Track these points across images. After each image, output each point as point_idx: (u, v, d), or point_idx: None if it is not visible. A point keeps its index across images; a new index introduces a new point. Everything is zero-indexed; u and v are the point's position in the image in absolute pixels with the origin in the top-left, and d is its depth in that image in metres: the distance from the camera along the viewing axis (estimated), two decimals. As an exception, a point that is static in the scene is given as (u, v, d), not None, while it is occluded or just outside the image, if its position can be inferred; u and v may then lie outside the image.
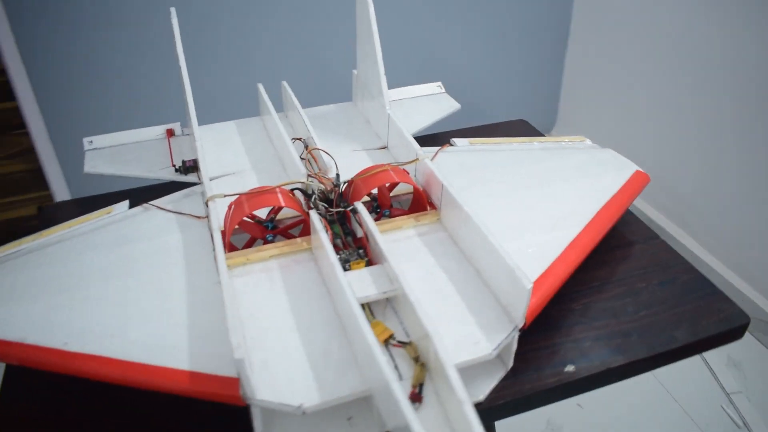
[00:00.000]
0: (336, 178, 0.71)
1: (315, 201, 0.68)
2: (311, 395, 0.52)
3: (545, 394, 0.60)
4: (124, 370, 0.55)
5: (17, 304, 0.63)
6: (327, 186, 0.70)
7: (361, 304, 0.59)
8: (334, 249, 0.65)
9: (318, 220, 0.65)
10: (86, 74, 1.70)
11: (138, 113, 1.76)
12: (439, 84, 1.05)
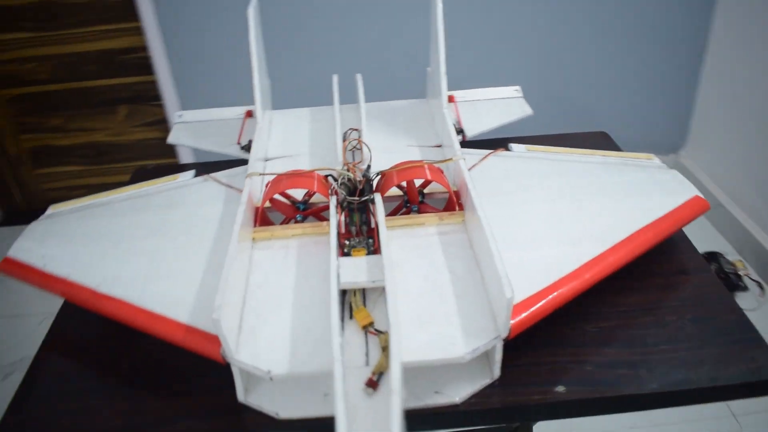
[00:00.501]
0: (366, 169, 0.73)
1: (334, 189, 0.70)
2: (282, 365, 0.55)
3: (529, 410, 0.58)
4: (134, 315, 0.62)
5: (72, 246, 0.72)
6: (356, 175, 0.72)
7: (354, 290, 0.61)
8: (348, 235, 0.67)
9: (333, 205, 0.67)
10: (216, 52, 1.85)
11: (284, 88, 1.88)
12: (517, 88, 1.03)
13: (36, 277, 0.69)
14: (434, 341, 0.56)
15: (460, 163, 0.74)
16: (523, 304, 0.58)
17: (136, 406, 0.61)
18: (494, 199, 0.73)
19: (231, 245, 0.63)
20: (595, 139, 1.00)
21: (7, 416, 0.61)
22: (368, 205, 0.70)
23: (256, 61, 0.88)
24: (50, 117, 2.06)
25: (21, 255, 0.72)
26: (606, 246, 0.66)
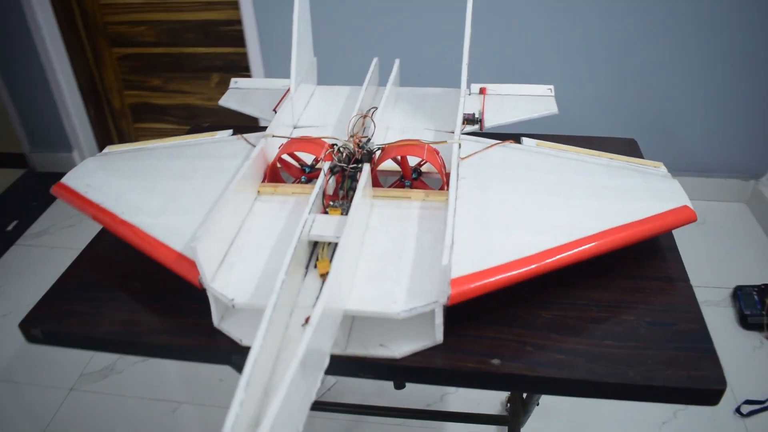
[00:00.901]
0: (366, 142, 0.80)
1: (329, 154, 0.77)
2: (245, 296, 0.63)
3: (462, 376, 0.63)
4: (141, 240, 0.72)
5: (111, 179, 0.84)
6: (355, 146, 0.79)
7: (323, 244, 0.68)
8: (335, 197, 0.74)
9: (324, 169, 0.74)
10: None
11: (336, 66, 1.99)
12: (550, 87, 1.05)
13: (77, 201, 0.81)
14: (379, 297, 0.62)
15: (453, 146, 0.78)
16: (469, 277, 0.63)
17: (134, 318, 0.71)
18: (482, 185, 0.77)
19: (227, 190, 0.71)
20: (621, 145, 1.00)
21: (33, 309, 0.74)
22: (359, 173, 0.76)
23: (296, 37, 0.96)
24: (152, 77, 2.27)
25: (71, 182, 0.85)
26: (573, 238, 0.68)
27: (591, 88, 1.92)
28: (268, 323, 0.52)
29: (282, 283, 0.57)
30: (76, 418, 1.45)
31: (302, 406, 0.51)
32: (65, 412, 1.46)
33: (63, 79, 2.21)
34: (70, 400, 1.49)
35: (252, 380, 0.48)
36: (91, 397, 1.50)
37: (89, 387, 1.52)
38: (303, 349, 0.49)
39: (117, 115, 2.39)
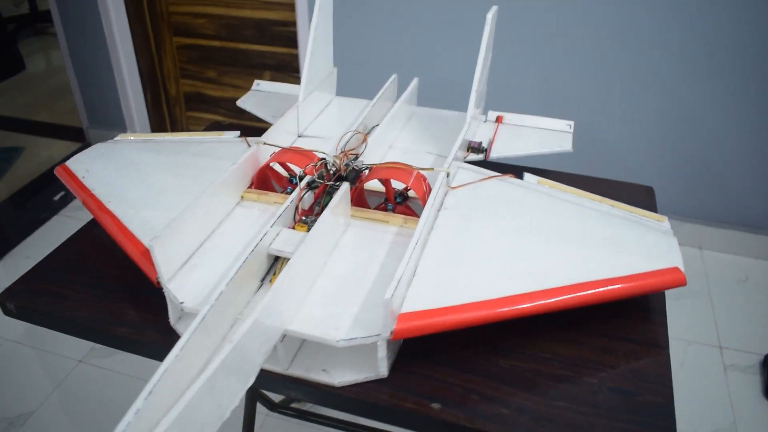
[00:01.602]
0: (353, 159, 0.78)
1: (309, 168, 0.76)
2: (196, 300, 0.63)
3: (396, 414, 0.60)
4: (117, 230, 0.74)
5: (109, 167, 0.86)
6: (340, 164, 0.77)
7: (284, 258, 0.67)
8: (309, 213, 0.73)
9: (302, 182, 0.73)
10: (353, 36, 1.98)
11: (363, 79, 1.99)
12: (570, 123, 1.00)
13: (73, 184, 0.84)
14: (324, 320, 0.60)
15: (439, 175, 0.76)
16: (419, 314, 0.60)
17: (100, 306, 0.72)
18: (466, 217, 0.74)
19: (203, 192, 0.72)
20: (636, 192, 0.95)
21: (13, 284, 0.76)
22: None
23: (311, 46, 0.96)
24: (207, 68, 2.33)
25: (72, 165, 0.87)
26: (542, 287, 0.65)
27: (637, 126, 1.84)
28: (190, 334, 0.52)
29: (220, 294, 0.56)
30: (80, 389, 1.50)
31: (211, 420, 0.50)
32: (71, 382, 1.52)
33: (125, 62, 2.30)
34: (77, 372, 1.54)
35: (158, 390, 0.47)
36: (97, 372, 1.54)
37: (97, 362, 1.57)
38: (214, 366, 0.48)
39: (171, 101, 2.47)
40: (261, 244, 0.64)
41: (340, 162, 0.78)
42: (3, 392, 1.50)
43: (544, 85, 1.87)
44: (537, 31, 1.79)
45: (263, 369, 0.62)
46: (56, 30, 2.36)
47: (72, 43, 2.35)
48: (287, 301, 0.59)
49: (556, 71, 1.83)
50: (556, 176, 0.94)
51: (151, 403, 0.46)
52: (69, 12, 2.28)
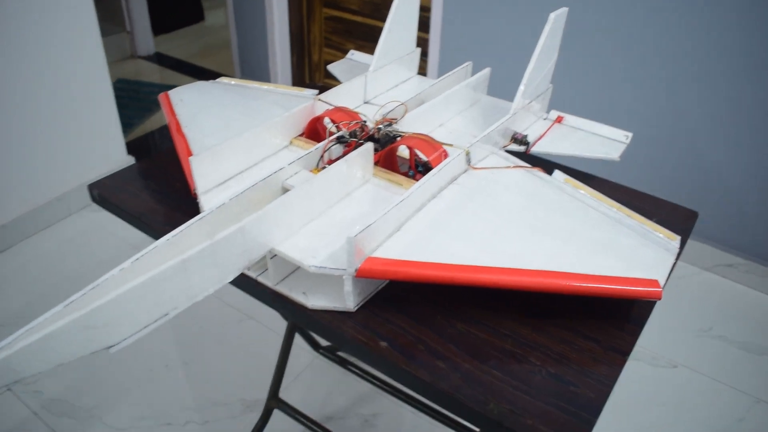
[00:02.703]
0: (386, 125, 0.86)
1: (339, 126, 0.85)
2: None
3: (346, 342, 0.69)
4: (183, 150, 0.88)
5: (197, 100, 1.02)
6: (375, 126, 0.86)
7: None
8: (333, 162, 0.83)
9: (329, 135, 0.83)
10: (478, 12, 2.03)
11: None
12: (627, 134, 1.00)
13: (167, 108, 1.00)
14: (306, 249, 0.70)
15: (461, 156, 0.82)
16: (387, 261, 0.68)
17: (156, 207, 0.88)
18: (470, 196, 0.80)
19: (251, 130, 0.84)
20: (675, 213, 0.93)
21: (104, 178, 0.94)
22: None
23: (389, 23, 1.04)
24: (348, 41, 2.50)
25: (173, 94, 1.04)
26: (506, 266, 0.69)
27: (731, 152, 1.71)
28: (186, 227, 0.64)
29: (222, 205, 0.68)
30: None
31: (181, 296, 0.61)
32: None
33: (278, 25, 2.54)
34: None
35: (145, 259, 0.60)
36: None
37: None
38: (192, 251, 0.60)
39: (313, 67, 2.68)
40: (276, 176, 0.75)
41: (374, 126, 0.86)
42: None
43: (625, 95, 1.80)
44: (629, 44, 1.73)
45: (257, 281, 0.73)
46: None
47: (237, 3, 2.63)
48: (277, 224, 0.69)
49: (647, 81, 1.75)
50: (599, 183, 0.96)
51: (135, 266, 0.59)
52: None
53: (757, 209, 1.79)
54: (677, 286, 1.89)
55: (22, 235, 1.97)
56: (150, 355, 1.59)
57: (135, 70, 3.19)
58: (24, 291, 1.77)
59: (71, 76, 1.96)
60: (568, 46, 1.73)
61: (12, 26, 1.76)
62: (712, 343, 1.69)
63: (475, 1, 2.00)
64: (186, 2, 3.75)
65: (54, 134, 1.97)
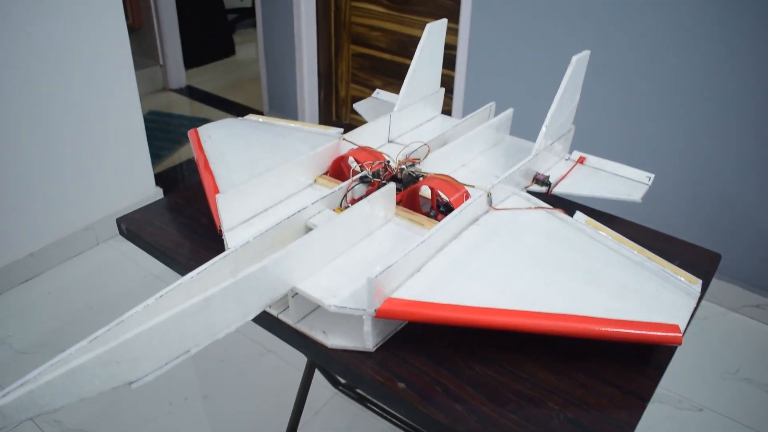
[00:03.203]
0: (409, 166, 0.88)
1: (363, 165, 0.87)
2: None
3: (365, 384, 0.69)
4: (210, 186, 0.91)
5: (229, 137, 1.05)
6: (397, 167, 0.87)
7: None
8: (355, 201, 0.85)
9: (352, 176, 0.85)
10: (502, 51, 2.06)
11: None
12: (650, 176, 1.00)
13: (196, 144, 1.03)
14: (327, 288, 0.71)
15: (482, 196, 0.83)
16: (406, 302, 0.68)
17: (182, 242, 0.90)
18: (491, 236, 0.80)
19: (277, 169, 0.86)
20: (698, 255, 0.92)
21: (132, 212, 0.97)
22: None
23: (414, 66, 1.07)
24: (375, 77, 2.55)
25: (201, 131, 1.07)
26: (525, 308, 0.69)
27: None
28: (209, 265, 0.65)
29: (246, 243, 0.69)
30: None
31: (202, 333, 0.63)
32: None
33: (307, 61, 2.60)
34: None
35: (169, 295, 0.61)
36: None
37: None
38: (214, 290, 0.62)
39: (340, 102, 2.73)
40: (299, 215, 0.76)
41: (398, 166, 0.88)
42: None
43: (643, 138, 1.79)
44: (653, 84, 1.73)
45: (278, 319, 0.75)
46: (257, 26, 2.72)
47: (267, 38, 2.71)
48: (300, 262, 0.71)
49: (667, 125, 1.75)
50: (622, 224, 0.96)
51: (159, 303, 0.60)
52: (269, 11, 2.63)
53: (786, 250, 1.76)
54: (704, 327, 1.85)
55: (49, 263, 2.01)
56: (170, 387, 1.60)
57: (166, 102, 3.28)
58: (49, 319, 1.81)
59: (104, 108, 2.02)
60: (591, 86, 1.74)
61: (51, 59, 1.83)
62: (739, 386, 1.64)
63: (500, 42, 2.03)
64: (218, 37, 3.87)
65: (84, 164, 2.03)
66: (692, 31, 1.67)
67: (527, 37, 1.97)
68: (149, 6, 3.18)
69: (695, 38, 1.67)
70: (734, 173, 1.75)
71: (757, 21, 1.57)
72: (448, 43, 2.26)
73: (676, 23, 1.69)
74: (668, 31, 1.71)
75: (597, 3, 1.80)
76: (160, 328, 0.58)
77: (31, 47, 1.77)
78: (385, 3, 2.37)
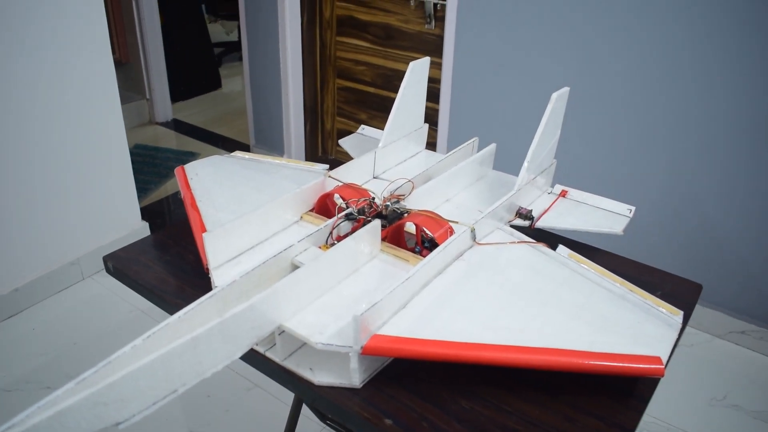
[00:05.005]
0: (394, 202, 0.89)
1: (349, 203, 0.88)
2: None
3: (354, 421, 0.69)
4: (196, 224, 0.91)
5: (215, 174, 1.06)
6: (382, 204, 0.89)
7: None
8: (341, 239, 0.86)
9: (338, 213, 0.86)
10: (485, 86, 2.10)
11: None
12: (631, 208, 1.02)
13: (182, 182, 1.04)
14: (313, 325, 0.71)
15: (465, 233, 0.84)
16: (392, 338, 0.69)
17: (168, 279, 0.90)
18: (474, 270, 0.82)
19: (263, 207, 0.87)
20: (680, 286, 0.94)
21: (118, 250, 0.97)
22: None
23: (398, 101, 1.09)
24: (360, 110, 2.58)
25: (188, 168, 1.08)
26: (511, 343, 0.70)
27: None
28: (197, 304, 0.66)
29: (232, 282, 0.70)
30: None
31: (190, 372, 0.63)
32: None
33: (293, 95, 2.63)
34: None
35: (156, 336, 0.62)
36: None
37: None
38: (201, 330, 0.62)
39: (326, 135, 2.76)
40: (286, 253, 0.77)
41: (383, 203, 0.89)
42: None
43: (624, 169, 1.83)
44: (633, 118, 1.77)
45: (265, 356, 0.75)
46: (243, 59, 2.76)
47: (253, 72, 2.74)
48: (286, 300, 0.71)
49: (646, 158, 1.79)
50: (604, 256, 0.97)
51: (147, 344, 0.61)
52: (255, 45, 2.67)
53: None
54: (690, 354, 1.86)
55: (34, 299, 1.99)
56: (157, 424, 1.58)
57: (153, 135, 3.29)
58: (33, 355, 1.78)
59: (90, 142, 2.03)
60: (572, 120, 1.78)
61: (37, 92, 1.84)
62: (727, 413, 1.65)
63: (482, 76, 2.07)
64: (204, 70, 3.90)
65: (70, 198, 2.03)
66: (673, 62, 1.72)
67: (510, 71, 2.01)
68: (136, 40, 3.21)
69: (676, 70, 1.72)
70: (715, 202, 1.79)
71: (735, 53, 1.63)
72: (433, 77, 2.31)
73: (657, 55, 1.74)
74: (648, 65, 1.76)
75: (577, 39, 1.85)
76: (148, 368, 0.58)
77: (16, 80, 1.78)
78: (369, 38, 2.41)
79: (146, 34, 3.19)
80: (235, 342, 0.67)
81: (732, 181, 1.74)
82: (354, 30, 2.44)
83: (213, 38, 4.09)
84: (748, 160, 1.69)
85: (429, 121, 2.37)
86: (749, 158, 1.69)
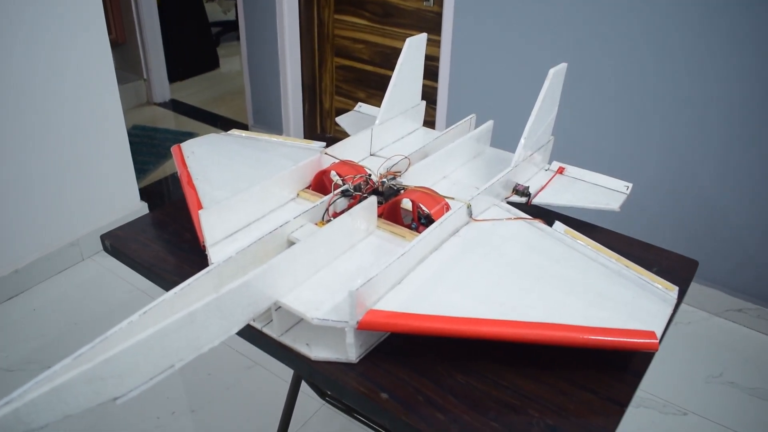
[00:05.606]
0: (390, 179, 0.89)
1: (345, 179, 0.88)
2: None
3: (349, 395, 0.70)
4: (193, 202, 0.91)
5: (206, 152, 1.05)
6: (379, 180, 0.89)
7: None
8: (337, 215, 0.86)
9: (334, 189, 0.86)
10: (484, 63, 2.09)
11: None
12: (628, 185, 1.02)
13: (179, 160, 1.04)
14: (310, 301, 0.72)
15: (461, 208, 0.84)
16: (387, 313, 0.69)
17: (166, 258, 0.91)
18: (470, 246, 0.82)
19: (259, 184, 0.87)
20: (676, 262, 0.94)
21: (116, 229, 0.97)
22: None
23: (394, 78, 1.08)
24: (359, 89, 2.57)
25: (184, 147, 1.08)
26: (506, 317, 0.70)
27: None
28: (193, 280, 0.66)
29: (228, 258, 0.70)
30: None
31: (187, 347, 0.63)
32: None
33: (291, 74, 2.62)
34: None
35: (152, 312, 0.62)
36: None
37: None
38: (198, 305, 0.62)
39: (324, 114, 2.74)
40: (281, 229, 0.77)
41: (379, 179, 0.89)
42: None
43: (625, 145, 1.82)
44: (629, 94, 1.76)
45: (262, 332, 0.75)
46: (240, 39, 2.74)
47: (251, 51, 2.72)
48: (282, 276, 0.72)
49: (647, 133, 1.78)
50: (601, 233, 0.97)
51: (143, 319, 0.61)
52: (253, 25, 2.65)
53: (766, 253, 1.79)
54: (687, 332, 1.87)
55: (34, 280, 2.00)
56: (157, 401, 1.59)
57: (151, 116, 3.28)
58: (34, 336, 1.79)
59: (88, 123, 2.02)
60: (569, 97, 1.77)
61: (33, 74, 1.83)
62: (722, 390, 1.67)
63: (481, 54, 2.06)
64: (202, 50, 3.87)
65: (68, 180, 2.02)
66: (668, 39, 1.71)
67: (508, 49, 2.00)
68: (132, 20, 3.18)
69: (671, 47, 1.71)
70: (711, 179, 1.79)
71: (733, 29, 1.61)
72: (431, 54, 2.29)
73: (653, 32, 1.73)
74: (644, 41, 1.75)
75: (575, 16, 1.83)
76: (144, 344, 0.59)
77: (12, 62, 1.77)
78: (367, 16, 2.39)
79: (143, 14, 3.16)
80: (231, 317, 0.68)
81: (729, 158, 1.74)
82: (352, 7, 2.42)
83: (210, 17, 4.05)
84: (744, 136, 1.69)
85: (428, 99, 2.36)
86: (745, 135, 1.69)
